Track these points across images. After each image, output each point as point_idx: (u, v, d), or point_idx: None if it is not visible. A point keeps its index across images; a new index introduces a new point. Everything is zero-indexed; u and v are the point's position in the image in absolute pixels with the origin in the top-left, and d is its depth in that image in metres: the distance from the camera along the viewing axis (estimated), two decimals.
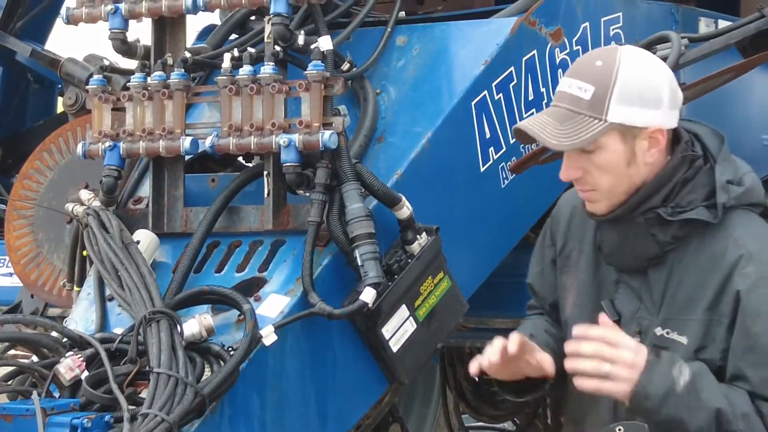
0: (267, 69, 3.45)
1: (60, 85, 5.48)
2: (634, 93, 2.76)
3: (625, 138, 2.78)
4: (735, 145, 4.59)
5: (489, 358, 2.84)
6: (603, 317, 2.76)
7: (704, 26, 4.41)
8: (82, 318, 3.54)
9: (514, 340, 2.81)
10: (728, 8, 4.80)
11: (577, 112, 2.76)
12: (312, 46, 3.45)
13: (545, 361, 2.91)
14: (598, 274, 2.99)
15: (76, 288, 3.83)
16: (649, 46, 3.55)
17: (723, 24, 4.38)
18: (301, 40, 3.49)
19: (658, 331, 2.86)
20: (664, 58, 3.37)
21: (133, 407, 3.04)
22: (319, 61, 3.39)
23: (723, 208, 2.80)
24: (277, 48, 3.49)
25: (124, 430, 2.90)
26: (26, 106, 5.86)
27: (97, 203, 3.68)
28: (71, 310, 3.69)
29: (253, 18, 3.99)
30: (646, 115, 2.77)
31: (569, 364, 2.69)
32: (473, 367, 2.90)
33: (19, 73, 5.73)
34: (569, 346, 2.69)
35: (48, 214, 4.49)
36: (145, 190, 3.78)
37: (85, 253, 3.73)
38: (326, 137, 3.35)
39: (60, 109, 6.00)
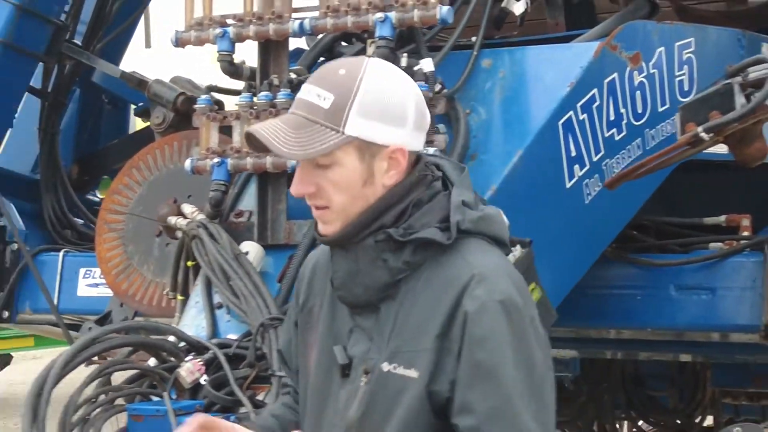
0: None
1: (138, 105, 5.56)
2: (376, 107, 2.46)
3: (363, 155, 2.47)
4: None
5: None
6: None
7: (766, 50, 4.48)
8: (191, 325, 3.58)
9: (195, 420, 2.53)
10: None
11: (313, 121, 2.44)
12: (415, 68, 3.51)
13: None
14: (334, 325, 2.62)
15: (179, 297, 3.87)
16: (744, 69, 3.62)
17: None
18: (403, 62, 3.55)
19: (385, 366, 2.49)
20: (762, 80, 3.44)
21: (254, 409, 3.11)
22: (423, 82, 3.45)
23: (457, 230, 2.48)
24: None
25: None
26: (100, 126, 5.92)
27: (201, 216, 3.74)
28: (179, 318, 3.75)
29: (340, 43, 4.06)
30: (387, 133, 2.47)
31: None
32: None
33: (94, 95, 5.79)
34: None
35: (138, 228, 4.57)
36: (245, 204, 3.83)
37: (189, 263, 3.79)
38: (429, 153, 3.34)
39: (132, 129, 6.10)
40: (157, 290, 4.55)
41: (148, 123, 5.49)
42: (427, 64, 3.53)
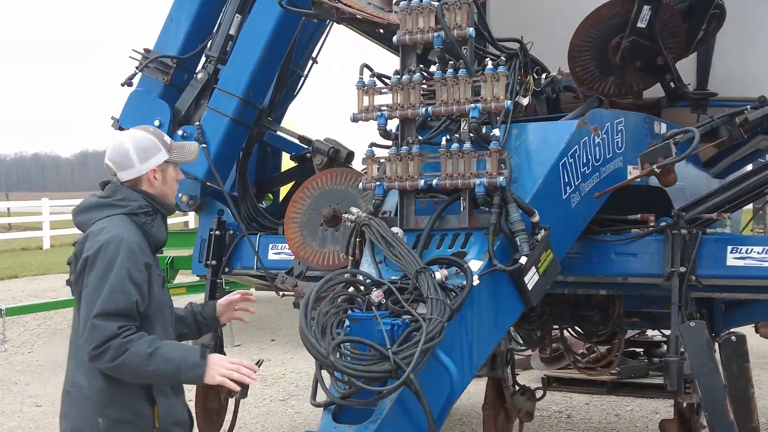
0: (467, 145, 3.60)
1: (292, 153, 5.68)
2: None
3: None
4: None
5: None
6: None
7: (656, 126, 4.64)
8: (367, 272, 3.59)
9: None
10: None
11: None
12: (491, 134, 3.64)
13: None
14: (152, 269, 3.19)
15: (350, 257, 3.84)
16: (673, 136, 3.81)
17: None
18: (483, 130, 3.65)
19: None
20: (684, 141, 3.68)
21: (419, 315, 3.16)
22: (496, 141, 3.61)
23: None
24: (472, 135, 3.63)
25: (423, 326, 3.04)
26: (266, 165, 5.99)
27: (364, 214, 3.79)
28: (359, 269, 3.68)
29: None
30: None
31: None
32: None
33: (264, 148, 5.86)
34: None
35: (309, 220, 4.72)
36: (386, 206, 3.88)
37: (358, 239, 3.79)
38: (500, 180, 3.53)
39: (283, 168, 6.16)
40: (320, 255, 4.68)
41: (296, 164, 5.69)
42: (496, 131, 3.68)
